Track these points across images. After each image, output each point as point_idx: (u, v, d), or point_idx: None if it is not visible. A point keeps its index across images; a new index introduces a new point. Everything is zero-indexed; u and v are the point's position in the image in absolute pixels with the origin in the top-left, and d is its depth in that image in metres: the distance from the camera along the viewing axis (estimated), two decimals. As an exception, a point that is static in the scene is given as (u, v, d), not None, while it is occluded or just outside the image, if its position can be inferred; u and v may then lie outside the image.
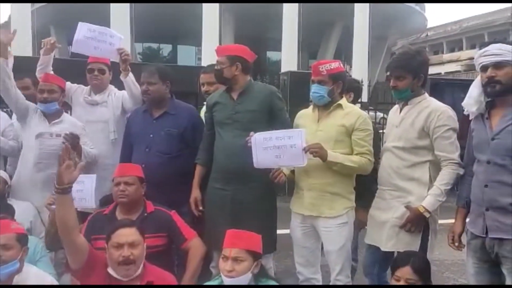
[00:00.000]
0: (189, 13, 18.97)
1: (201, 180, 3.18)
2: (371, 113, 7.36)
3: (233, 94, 3.07)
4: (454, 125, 2.74)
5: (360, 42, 19.57)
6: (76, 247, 2.44)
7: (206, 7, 18.12)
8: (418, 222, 2.71)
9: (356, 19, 19.60)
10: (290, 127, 3.00)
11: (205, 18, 18.19)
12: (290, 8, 18.40)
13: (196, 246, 2.88)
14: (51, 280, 2.58)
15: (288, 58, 18.23)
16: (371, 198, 3.06)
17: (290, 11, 18.40)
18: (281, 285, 2.41)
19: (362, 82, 7.94)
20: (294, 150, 2.73)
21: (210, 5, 18.01)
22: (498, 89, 2.41)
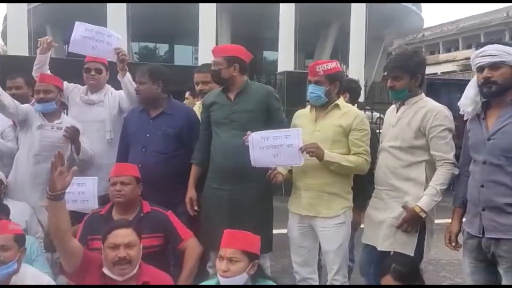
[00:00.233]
0: (186, 12, 18.96)
1: (197, 180, 3.18)
2: (368, 112, 7.38)
3: (230, 94, 3.06)
4: (450, 125, 2.75)
5: (356, 42, 19.59)
6: (69, 251, 2.43)
7: (203, 7, 18.10)
8: (414, 222, 2.72)
9: (352, 19, 19.62)
10: (287, 127, 2.99)
11: (202, 17, 18.16)
12: (287, 8, 18.40)
13: (192, 246, 2.88)
14: (49, 280, 2.57)
15: (284, 58, 18.23)
16: (366, 198, 3.07)
17: (287, 11, 18.40)
18: (279, 285, 2.41)
19: (358, 81, 7.99)
20: (291, 149, 2.73)
21: (207, 4, 18.00)
22: (494, 89, 2.42)
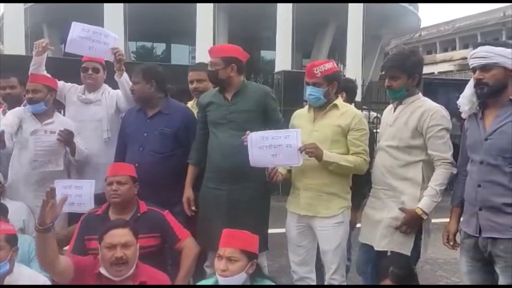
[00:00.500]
0: (183, 12, 18.92)
1: (193, 180, 3.17)
2: (365, 112, 7.38)
3: (227, 94, 3.05)
4: (447, 125, 2.76)
5: (354, 42, 19.60)
6: (59, 273, 2.44)
7: (200, 6, 18.07)
8: (414, 224, 2.72)
9: (350, 19, 19.62)
10: (284, 127, 3.00)
11: (199, 17, 18.13)
12: (284, 7, 18.39)
13: (189, 246, 2.87)
14: (45, 280, 2.57)
15: (282, 57, 18.21)
16: (363, 198, 3.08)
17: (284, 11, 18.38)
18: (277, 285, 2.41)
19: (356, 81, 7.98)
20: (290, 149, 2.72)
21: (204, 4, 17.97)
22: (485, 91, 2.43)
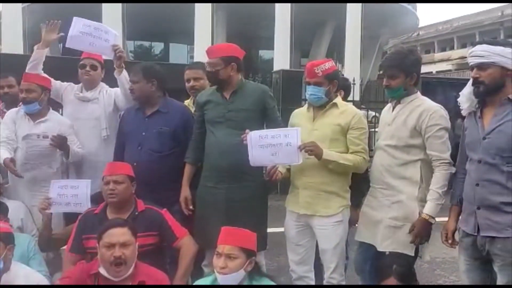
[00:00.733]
0: (181, 11, 18.88)
1: (190, 179, 3.17)
2: (363, 111, 7.39)
3: (225, 93, 3.05)
4: (446, 124, 2.76)
5: (352, 41, 19.60)
6: None
7: (198, 6, 18.04)
8: (426, 231, 2.74)
9: (348, 18, 19.62)
10: (282, 125, 3.00)
11: (197, 16, 18.11)
12: (283, 7, 18.38)
13: (187, 244, 2.87)
14: (41, 279, 2.57)
15: (280, 57, 18.21)
16: (361, 196, 3.07)
17: (283, 10, 18.38)
18: (277, 285, 2.41)
19: (354, 80, 8.00)
20: (289, 148, 2.72)
21: (203, 3, 17.95)
22: (482, 90, 2.43)
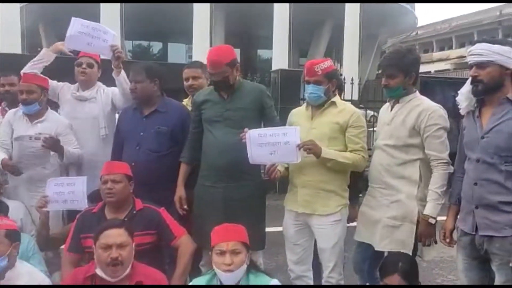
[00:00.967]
0: (179, 11, 18.87)
1: (186, 178, 3.16)
2: (362, 111, 7.39)
3: (223, 92, 3.04)
4: (445, 124, 2.76)
5: (350, 41, 19.62)
6: None
7: (197, 5, 18.05)
8: (429, 232, 2.74)
9: (346, 18, 19.64)
10: (279, 124, 3.00)
11: (195, 16, 18.11)
12: (281, 6, 18.39)
13: (185, 243, 2.87)
14: (43, 277, 2.57)
15: (279, 56, 18.22)
16: (357, 194, 3.08)
17: (281, 9, 18.39)
18: (276, 285, 2.40)
19: (352, 80, 8.01)
20: (288, 146, 2.72)
21: (201, 3, 17.96)
22: (480, 88, 2.43)
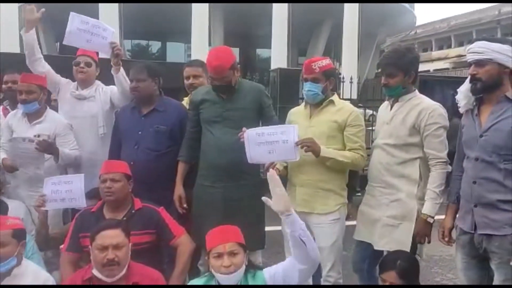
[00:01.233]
0: (178, 10, 18.84)
1: (184, 177, 3.15)
2: (361, 110, 7.40)
3: (221, 92, 3.03)
4: (445, 123, 2.77)
5: (349, 40, 19.61)
6: None
7: (195, 4, 18.03)
8: (426, 230, 2.75)
9: (345, 17, 19.63)
10: (278, 123, 3.00)
11: (194, 15, 18.09)
12: (280, 5, 18.37)
13: (184, 242, 2.86)
14: (47, 276, 2.57)
15: (278, 55, 18.20)
16: (352, 192, 3.09)
17: (280, 9, 18.38)
18: (275, 285, 2.40)
19: (351, 79, 8.01)
20: (286, 145, 2.72)
21: (200, 3, 17.94)
22: (479, 86, 2.43)
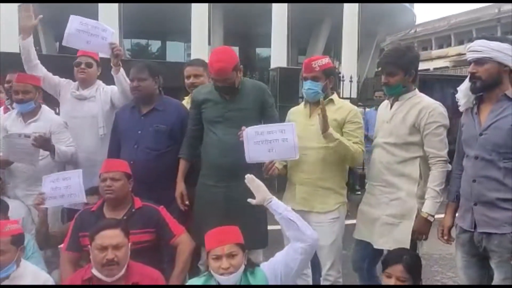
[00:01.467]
0: (178, 9, 18.82)
1: (185, 175, 3.15)
2: (360, 109, 7.40)
3: (225, 93, 3.02)
4: (445, 122, 2.77)
5: (349, 39, 19.56)
6: None
7: (195, 4, 18.01)
8: (425, 229, 2.75)
9: (345, 16, 19.59)
10: (279, 122, 2.99)
11: (194, 14, 18.05)
12: (280, 4, 18.34)
13: (184, 241, 2.86)
14: (47, 277, 2.56)
15: (277, 54, 18.16)
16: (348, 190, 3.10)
17: (280, 8, 18.33)
18: (274, 285, 2.40)
19: (351, 78, 8.01)
20: (286, 143, 2.72)
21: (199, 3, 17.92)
22: (478, 85, 2.44)
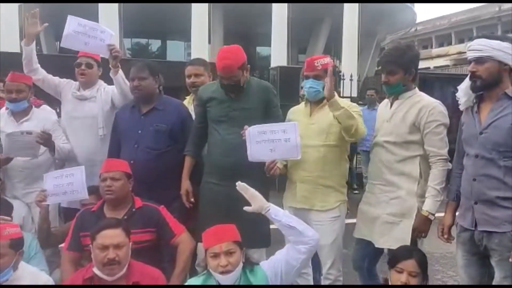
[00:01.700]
0: (178, 8, 18.83)
1: (190, 171, 3.15)
2: (361, 107, 7.42)
3: (231, 92, 3.00)
4: (445, 120, 2.76)
5: (349, 38, 19.54)
6: None
7: (195, 3, 18.01)
8: (425, 227, 2.75)
9: (345, 15, 19.57)
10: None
11: (194, 13, 18.05)
12: (279, 4, 18.35)
13: (185, 241, 2.87)
14: (47, 279, 2.56)
15: (277, 53, 18.15)
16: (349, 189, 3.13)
17: (280, 7, 18.32)
18: (274, 285, 2.40)
19: (351, 77, 8.02)
20: (288, 143, 2.72)
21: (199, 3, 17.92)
22: (479, 84, 2.43)
